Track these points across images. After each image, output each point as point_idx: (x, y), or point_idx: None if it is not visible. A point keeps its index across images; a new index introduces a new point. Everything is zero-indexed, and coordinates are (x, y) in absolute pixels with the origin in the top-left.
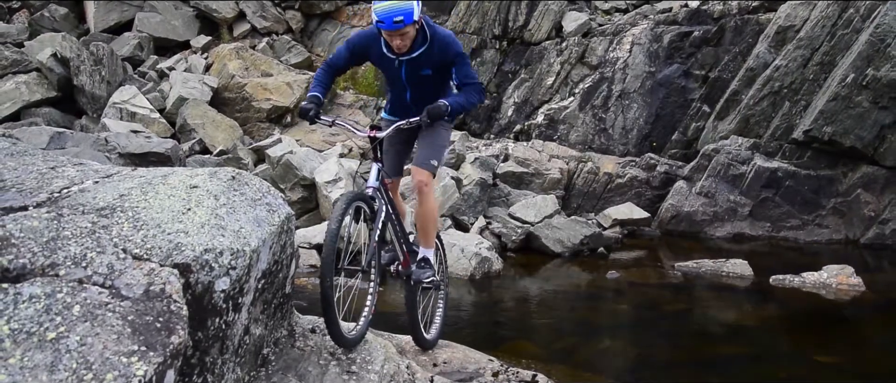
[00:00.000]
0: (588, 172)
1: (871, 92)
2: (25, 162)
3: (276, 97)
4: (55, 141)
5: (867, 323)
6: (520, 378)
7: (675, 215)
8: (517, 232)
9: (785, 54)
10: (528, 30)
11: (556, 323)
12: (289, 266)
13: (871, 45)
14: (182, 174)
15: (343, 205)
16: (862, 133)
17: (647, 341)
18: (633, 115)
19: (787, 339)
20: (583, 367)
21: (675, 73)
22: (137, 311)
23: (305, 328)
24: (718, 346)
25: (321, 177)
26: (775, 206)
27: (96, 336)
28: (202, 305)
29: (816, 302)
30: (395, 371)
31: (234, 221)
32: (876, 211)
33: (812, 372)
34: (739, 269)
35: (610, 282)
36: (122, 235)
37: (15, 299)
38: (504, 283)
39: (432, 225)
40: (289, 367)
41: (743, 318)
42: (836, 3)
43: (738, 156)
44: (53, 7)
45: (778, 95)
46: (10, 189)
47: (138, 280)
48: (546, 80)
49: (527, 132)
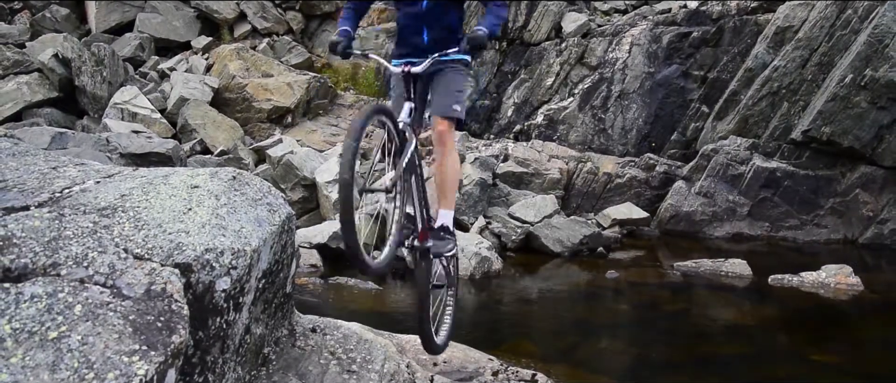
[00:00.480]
0: (587, 172)
1: (870, 92)
2: (27, 162)
3: (276, 97)
4: (57, 141)
5: (865, 323)
6: (519, 377)
7: (675, 215)
8: (517, 232)
9: (783, 55)
10: (527, 30)
11: (556, 322)
12: (289, 265)
13: (869, 46)
14: (183, 174)
15: (363, 116)
16: (860, 133)
17: (646, 340)
18: (632, 116)
19: (786, 339)
20: (582, 367)
21: (674, 73)
22: (139, 311)
23: (306, 327)
24: (717, 346)
25: (322, 177)
26: (774, 206)
27: (98, 335)
28: (203, 305)
29: (815, 301)
30: (396, 370)
31: (234, 221)
32: (874, 211)
33: (811, 371)
34: (738, 269)
35: (609, 282)
36: (124, 235)
37: (17, 298)
38: (504, 283)
39: (454, 181)
40: (289, 366)
41: (742, 318)
42: (834, 4)
43: (737, 157)
44: (55, 8)
45: (776, 96)
46: (11, 189)
47: (139, 279)
48: (545, 80)
49: (526, 132)
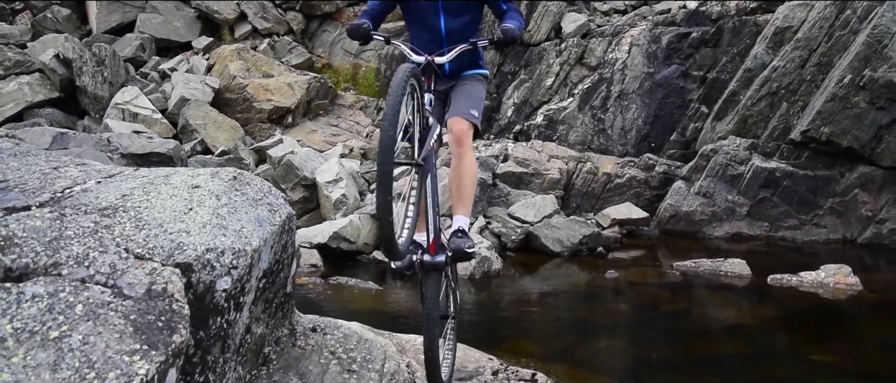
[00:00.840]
0: (587, 172)
1: (869, 92)
2: (28, 162)
3: (277, 98)
4: (58, 141)
5: (865, 323)
6: (519, 376)
7: (674, 215)
8: (517, 231)
9: (783, 55)
10: (527, 31)
11: (556, 322)
12: (290, 265)
13: (868, 47)
14: (184, 174)
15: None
16: (859, 133)
17: (645, 340)
18: (631, 116)
19: (785, 338)
20: (582, 366)
21: (673, 73)
22: (139, 310)
23: (306, 327)
24: (716, 345)
25: (322, 178)
26: (773, 206)
27: (99, 335)
28: (204, 304)
29: (814, 301)
30: (396, 369)
31: (235, 221)
32: (873, 210)
33: (810, 371)
34: (737, 269)
35: (609, 282)
36: (125, 235)
37: (18, 298)
38: (503, 282)
39: (471, 184)
40: (290, 366)
41: (741, 317)
42: (833, 5)
43: (736, 157)
44: (56, 8)
45: (776, 96)
46: (13, 189)
47: (140, 279)
48: (545, 80)
49: (526, 132)
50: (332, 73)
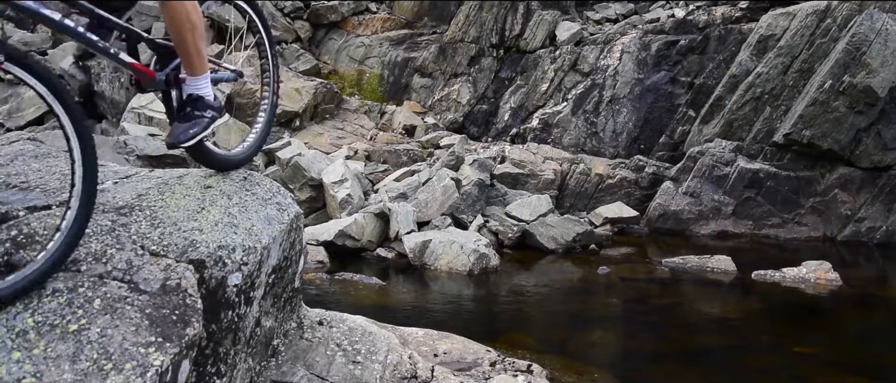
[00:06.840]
0: (580, 173)
1: (848, 97)
2: (49, 163)
3: (285, 102)
4: None
5: (843, 316)
6: (516, 367)
7: (663, 214)
8: (513, 229)
9: (766, 62)
10: (523, 39)
11: (550, 316)
12: (298, 262)
13: (847, 54)
14: (196, 175)
15: None
16: (839, 136)
17: (635, 333)
18: (622, 120)
19: (768, 331)
20: (575, 357)
21: (662, 79)
22: (155, 305)
23: (313, 320)
24: (703, 338)
25: (328, 178)
26: (757, 205)
27: (116, 328)
28: (216, 299)
29: (796, 295)
30: (398, 361)
31: (246, 219)
32: (852, 209)
33: (791, 361)
34: (723, 265)
35: (601, 277)
36: (140, 233)
37: (39, 293)
38: (501, 278)
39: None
40: (297, 358)
41: (726, 311)
42: (814, 14)
43: (722, 158)
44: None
45: (759, 101)
46: (34, 189)
47: (155, 275)
48: (540, 86)
49: (522, 135)
50: (338, 78)
